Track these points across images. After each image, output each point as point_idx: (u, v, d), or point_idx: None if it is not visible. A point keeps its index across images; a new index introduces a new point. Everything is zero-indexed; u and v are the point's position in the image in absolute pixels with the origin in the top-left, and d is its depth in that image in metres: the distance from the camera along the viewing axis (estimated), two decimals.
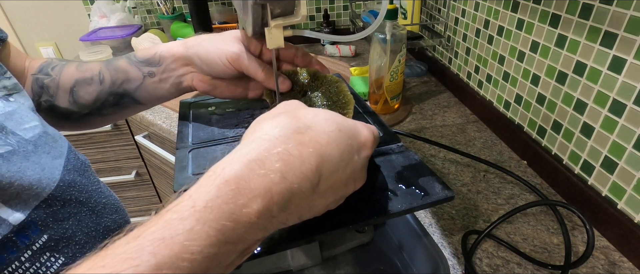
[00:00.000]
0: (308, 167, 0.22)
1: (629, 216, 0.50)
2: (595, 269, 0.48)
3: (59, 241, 0.31)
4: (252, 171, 0.21)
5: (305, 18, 0.34)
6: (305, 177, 0.22)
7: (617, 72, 0.49)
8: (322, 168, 0.23)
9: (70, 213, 0.32)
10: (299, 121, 0.24)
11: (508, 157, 0.70)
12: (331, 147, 0.24)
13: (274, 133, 0.23)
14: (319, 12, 1.41)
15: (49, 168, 0.31)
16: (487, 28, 0.78)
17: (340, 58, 1.21)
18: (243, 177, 0.21)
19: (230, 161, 0.22)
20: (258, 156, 0.22)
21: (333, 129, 0.25)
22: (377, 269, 0.43)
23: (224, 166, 0.22)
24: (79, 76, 0.43)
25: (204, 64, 0.40)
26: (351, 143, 0.25)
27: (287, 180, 0.21)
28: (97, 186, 0.37)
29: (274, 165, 0.21)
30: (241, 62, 0.38)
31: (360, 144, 0.27)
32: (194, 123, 0.43)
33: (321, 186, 0.23)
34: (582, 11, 0.53)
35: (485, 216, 0.56)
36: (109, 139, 1.12)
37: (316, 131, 0.24)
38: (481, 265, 0.49)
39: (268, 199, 0.21)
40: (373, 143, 0.28)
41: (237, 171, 0.21)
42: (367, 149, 0.27)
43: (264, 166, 0.21)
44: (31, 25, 1.49)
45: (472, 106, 0.87)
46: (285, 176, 0.21)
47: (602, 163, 0.53)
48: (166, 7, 1.39)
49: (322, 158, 0.23)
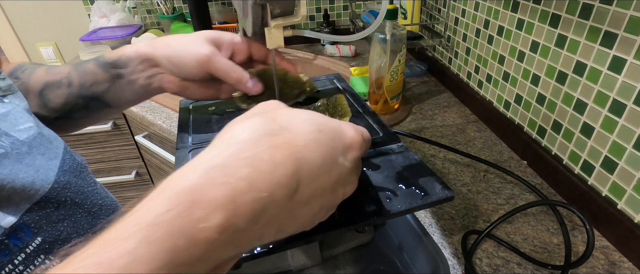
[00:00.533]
0: (282, 172, 0.20)
1: (629, 216, 0.50)
2: (595, 269, 0.48)
3: (53, 243, 0.30)
4: (211, 180, 0.18)
5: (305, 18, 0.34)
6: (279, 184, 0.19)
7: (617, 72, 0.49)
8: (300, 173, 0.20)
9: (65, 214, 0.32)
10: (275, 122, 0.22)
11: (508, 157, 0.70)
12: (311, 149, 0.21)
13: (243, 136, 0.21)
14: (319, 12, 1.41)
15: (43, 170, 0.31)
16: (487, 28, 0.78)
17: (340, 58, 1.21)
18: (200, 187, 0.18)
19: (188, 169, 0.19)
20: (222, 162, 0.19)
21: (313, 130, 0.22)
22: (377, 269, 0.42)
23: (180, 174, 0.19)
24: (48, 79, 0.42)
25: (173, 65, 0.39)
26: (335, 145, 0.23)
27: (255, 188, 0.19)
28: (93, 188, 0.37)
29: (240, 172, 0.19)
30: (211, 65, 0.37)
31: (345, 145, 0.24)
32: (194, 123, 0.43)
33: (301, 194, 0.21)
34: (582, 11, 0.53)
35: (485, 216, 0.56)
36: (109, 139, 1.12)
37: (293, 132, 0.22)
38: (481, 265, 0.49)
39: (231, 211, 0.18)
40: (361, 144, 0.25)
41: (194, 180, 0.18)
42: (354, 150, 0.25)
43: (228, 173, 0.18)
44: (31, 25, 1.49)
45: (472, 106, 0.87)
46: (253, 184, 0.19)
47: (602, 163, 0.53)
48: (166, 7, 1.39)
49: (299, 162, 0.21)
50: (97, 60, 0.41)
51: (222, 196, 0.18)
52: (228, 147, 0.20)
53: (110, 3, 1.42)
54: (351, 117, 0.38)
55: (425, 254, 0.39)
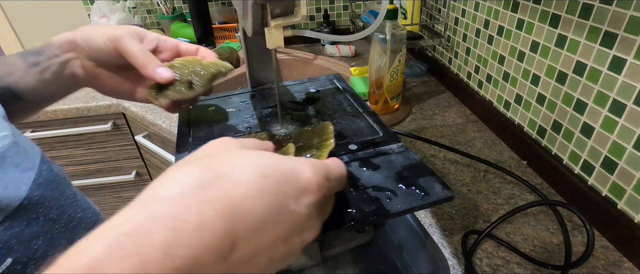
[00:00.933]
0: (210, 232, 0.17)
1: (629, 216, 0.50)
2: (595, 269, 0.48)
3: (27, 263, 0.28)
4: (118, 251, 0.15)
5: (305, 18, 0.34)
6: (206, 247, 0.17)
7: (617, 72, 0.49)
8: (236, 230, 0.18)
9: (38, 231, 0.30)
10: (210, 170, 0.19)
11: (508, 157, 0.70)
12: (251, 201, 0.19)
13: (169, 192, 0.18)
14: (319, 12, 1.41)
15: (13, 184, 0.29)
16: (487, 28, 0.78)
17: (340, 58, 1.21)
18: (101, 262, 0.15)
19: (95, 237, 0.16)
20: (135, 228, 0.16)
21: (256, 176, 0.20)
22: (377, 269, 0.43)
23: (84, 245, 0.16)
24: None
25: (86, 43, 0.38)
26: (285, 190, 0.20)
27: (172, 256, 0.16)
28: (72, 200, 0.36)
29: (156, 238, 0.16)
30: (121, 43, 0.36)
31: (299, 189, 0.21)
32: (194, 123, 0.43)
33: (240, 252, 0.18)
34: (582, 11, 0.53)
35: (485, 216, 0.56)
36: (109, 139, 1.12)
37: (230, 181, 0.19)
38: (481, 265, 0.49)
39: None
40: (320, 186, 0.22)
41: (97, 253, 0.15)
42: (311, 193, 0.21)
43: (139, 242, 0.16)
44: (31, 25, 1.49)
45: (472, 106, 0.87)
46: (170, 252, 0.16)
47: (602, 163, 0.53)
48: (166, 7, 1.39)
49: (236, 217, 0.18)
50: (22, 52, 0.40)
51: (129, 269, 0.15)
52: (146, 206, 0.17)
53: (110, 3, 1.42)
54: (332, 149, 0.34)
55: (425, 254, 0.39)
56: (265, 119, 0.43)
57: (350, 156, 0.36)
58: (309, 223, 0.22)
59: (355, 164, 0.34)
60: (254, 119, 0.44)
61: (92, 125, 1.05)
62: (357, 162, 0.35)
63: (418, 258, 0.41)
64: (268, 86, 0.53)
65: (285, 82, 0.53)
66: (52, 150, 1.12)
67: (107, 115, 1.05)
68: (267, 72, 0.52)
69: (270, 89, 0.52)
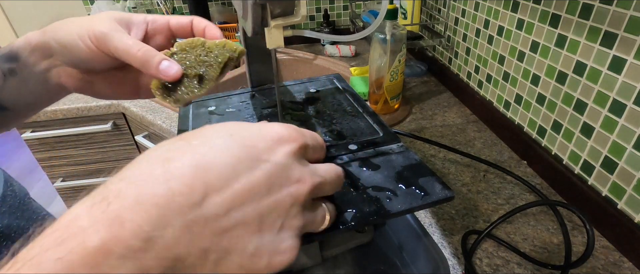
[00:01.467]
0: (178, 181, 0.17)
1: (629, 216, 0.50)
2: (595, 269, 0.48)
3: None
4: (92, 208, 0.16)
5: (305, 18, 0.34)
6: (176, 193, 0.17)
7: (617, 72, 0.49)
8: (205, 179, 0.18)
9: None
10: (177, 140, 0.20)
11: (508, 157, 0.70)
12: (219, 152, 0.19)
13: (138, 162, 0.19)
14: (319, 12, 1.41)
15: None
16: (487, 28, 0.78)
17: (340, 58, 1.21)
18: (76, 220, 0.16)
19: (73, 207, 0.17)
20: (105, 192, 0.17)
21: (221, 135, 0.20)
22: (377, 269, 0.43)
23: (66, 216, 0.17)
24: None
25: (64, 49, 0.31)
26: (254, 143, 0.20)
27: (143, 202, 0.16)
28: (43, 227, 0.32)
29: (126, 192, 0.17)
30: (108, 42, 0.29)
31: (271, 139, 0.21)
32: (193, 123, 0.43)
33: (215, 200, 0.18)
34: (582, 11, 0.53)
35: (485, 216, 0.56)
36: (109, 139, 1.12)
37: (197, 143, 0.19)
38: (481, 265, 0.49)
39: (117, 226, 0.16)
40: (291, 135, 0.21)
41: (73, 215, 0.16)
42: (285, 142, 0.21)
43: (109, 198, 0.17)
44: (31, 25, 1.49)
45: (472, 106, 0.87)
46: (139, 199, 0.16)
47: (602, 163, 0.53)
48: (166, 7, 1.39)
49: (204, 167, 0.18)
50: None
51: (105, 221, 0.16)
52: (117, 176, 0.18)
53: (110, 3, 1.42)
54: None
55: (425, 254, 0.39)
56: (265, 119, 0.43)
57: (350, 156, 0.36)
58: (292, 173, 0.20)
59: (355, 164, 0.34)
60: (254, 119, 0.44)
61: (92, 125, 1.05)
62: (357, 162, 0.35)
63: (418, 258, 0.41)
64: (268, 86, 0.53)
65: (285, 82, 0.53)
66: (52, 150, 1.12)
67: (107, 115, 1.05)
68: (267, 72, 0.52)
69: (270, 89, 0.52)
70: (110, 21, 0.30)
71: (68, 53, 0.31)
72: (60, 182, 1.19)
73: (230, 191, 0.18)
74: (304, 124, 0.41)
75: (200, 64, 0.31)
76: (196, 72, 0.31)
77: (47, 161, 1.15)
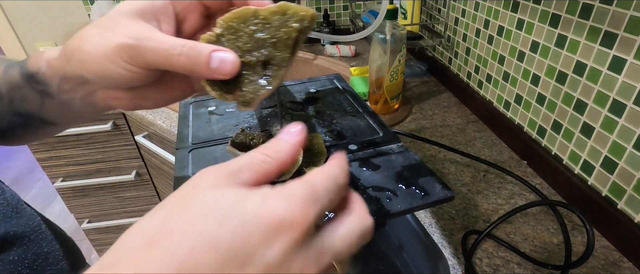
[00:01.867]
0: None
1: (629, 216, 0.50)
2: (595, 269, 0.48)
3: None
4: None
5: None
6: None
7: (617, 72, 0.49)
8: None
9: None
10: (164, 223, 0.17)
11: (508, 157, 0.70)
12: (200, 251, 0.16)
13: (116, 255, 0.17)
14: (319, 12, 1.41)
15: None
16: (487, 28, 0.78)
17: (340, 58, 1.21)
18: None
19: None
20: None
21: (209, 228, 0.17)
22: (377, 269, 0.43)
23: None
24: None
25: (101, 79, 0.26)
26: (245, 237, 0.17)
27: None
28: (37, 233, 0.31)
29: None
30: (140, 55, 0.24)
31: (264, 232, 0.17)
32: (193, 123, 0.43)
33: None
34: (582, 11, 0.53)
35: (485, 216, 0.56)
36: (109, 139, 1.12)
37: (177, 237, 0.17)
38: (481, 265, 0.49)
39: None
40: (294, 222, 0.17)
41: None
42: (284, 233, 0.17)
43: None
44: (31, 25, 1.49)
45: (472, 106, 0.87)
46: None
47: (602, 163, 0.53)
48: None
49: (185, 270, 0.16)
50: (22, 69, 0.30)
51: None
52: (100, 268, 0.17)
53: (110, 3, 1.42)
54: (326, 157, 0.32)
55: (425, 254, 0.39)
56: (265, 119, 0.43)
57: (350, 156, 0.36)
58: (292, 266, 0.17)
59: (355, 164, 0.34)
60: (254, 119, 0.44)
61: (92, 125, 1.05)
62: (357, 162, 0.35)
63: (418, 258, 0.41)
64: None
65: (285, 82, 0.53)
66: (52, 150, 1.12)
67: (107, 115, 1.05)
68: None
69: None
70: (132, 22, 0.25)
71: (107, 81, 0.26)
72: (60, 183, 1.19)
73: None
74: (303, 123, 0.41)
75: (259, 44, 0.24)
76: (257, 59, 0.24)
77: (47, 161, 1.15)
